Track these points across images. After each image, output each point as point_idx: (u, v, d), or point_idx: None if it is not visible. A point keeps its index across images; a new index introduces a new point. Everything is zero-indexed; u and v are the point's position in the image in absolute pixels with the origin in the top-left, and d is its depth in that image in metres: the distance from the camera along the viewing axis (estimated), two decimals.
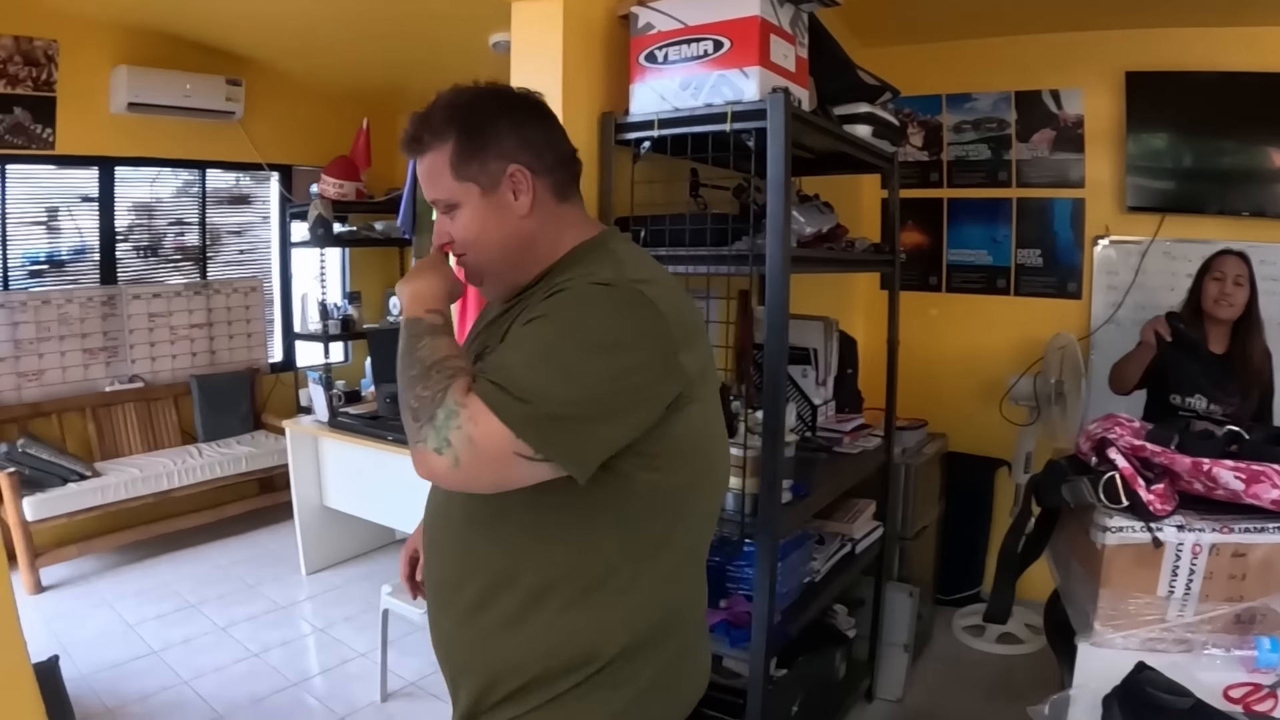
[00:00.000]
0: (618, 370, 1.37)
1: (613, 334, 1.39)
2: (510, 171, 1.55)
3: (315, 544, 5.47)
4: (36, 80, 5.64)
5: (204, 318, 6.66)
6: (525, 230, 1.58)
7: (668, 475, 1.50)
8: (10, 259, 5.85)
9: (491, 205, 1.57)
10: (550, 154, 1.60)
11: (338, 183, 6.32)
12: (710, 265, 2.66)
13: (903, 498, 4.21)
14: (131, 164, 6.32)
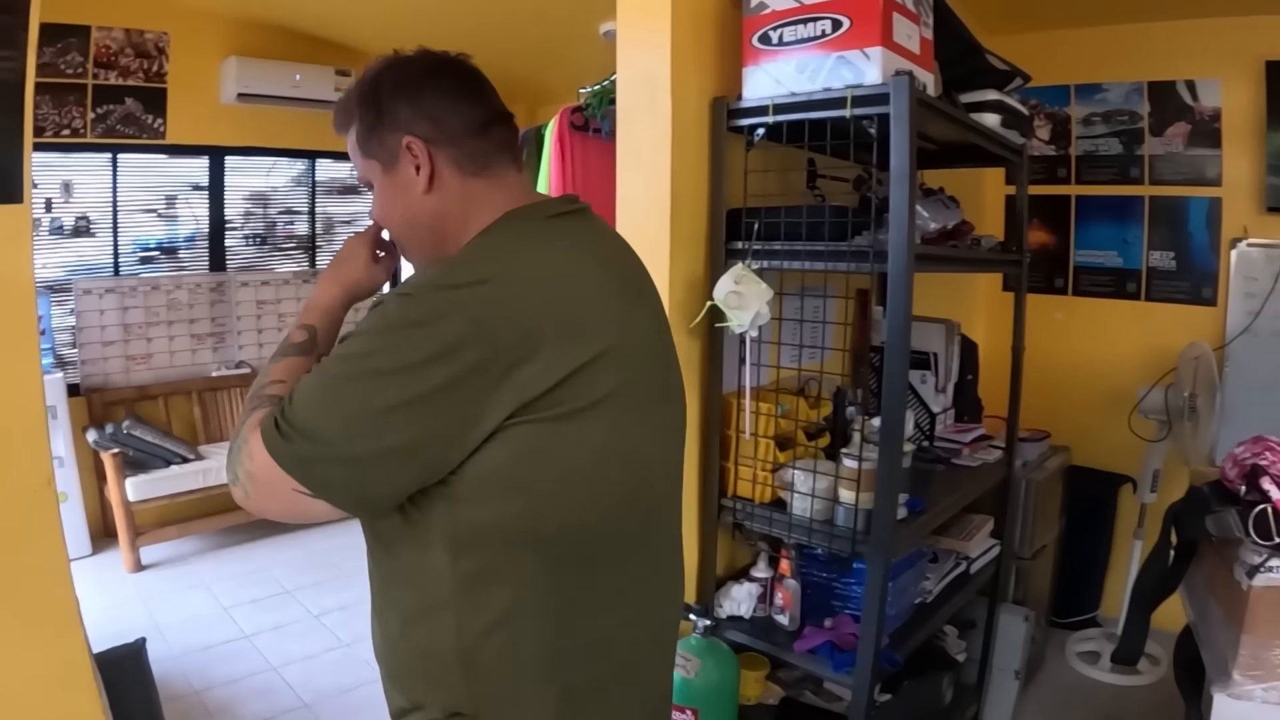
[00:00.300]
0: (394, 400, 1.17)
1: (395, 357, 1.18)
2: (405, 143, 1.38)
3: None
4: (148, 72, 5.77)
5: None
6: (428, 208, 1.41)
7: (484, 508, 1.25)
8: (122, 245, 5.93)
9: (394, 182, 1.42)
10: (454, 122, 1.40)
11: None
12: (828, 262, 2.43)
13: (1022, 515, 3.94)
14: (241, 154, 6.34)
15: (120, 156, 5.82)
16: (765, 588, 2.76)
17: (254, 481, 1.24)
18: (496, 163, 1.43)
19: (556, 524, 1.29)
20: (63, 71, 5.47)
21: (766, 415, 2.64)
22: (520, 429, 1.20)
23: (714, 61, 2.63)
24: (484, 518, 1.26)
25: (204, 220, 6.31)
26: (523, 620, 1.31)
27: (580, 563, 1.33)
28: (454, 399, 1.17)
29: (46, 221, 5.64)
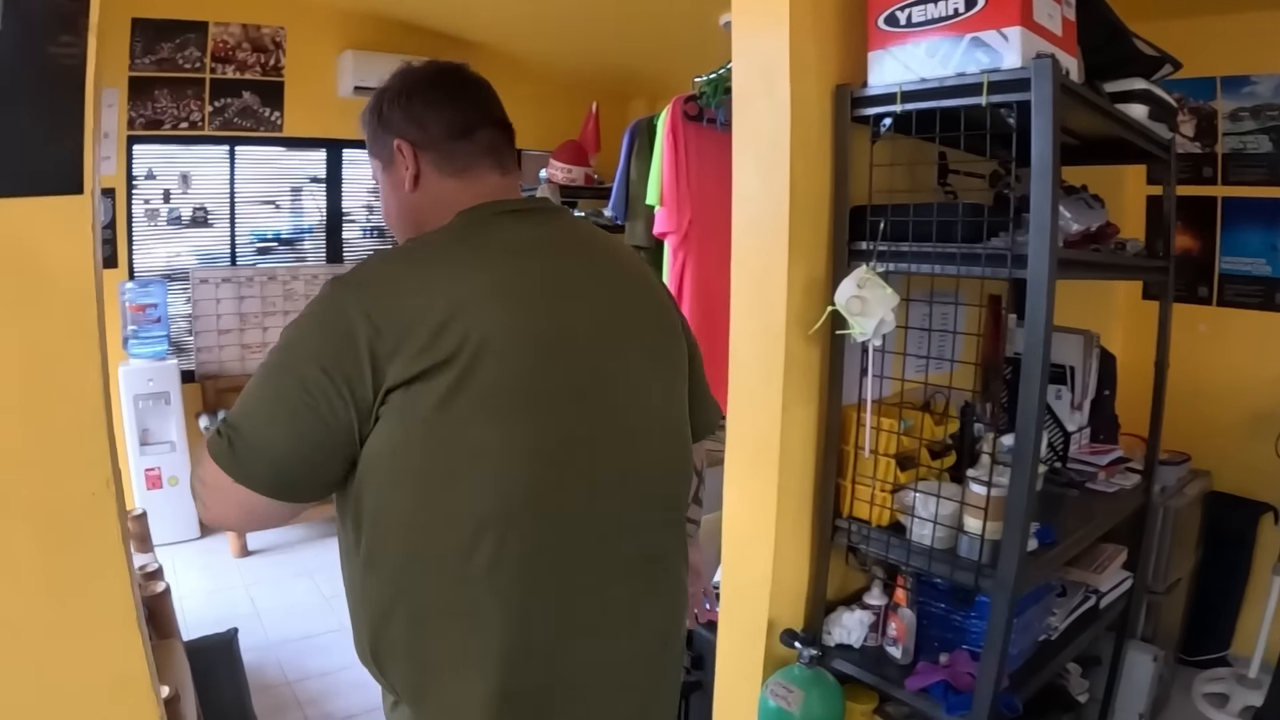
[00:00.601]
0: (291, 385, 1.30)
1: (292, 346, 1.35)
2: (396, 145, 1.54)
3: None
4: (265, 66, 5.84)
5: None
6: (413, 204, 1.56)
7: (374, 495, 1.35)
8: (239, 237, 5.98)
9: (391, 180, 1.58)
10: (437, 127, 1.54)
11: (566, 168, 6.02)
12: (961, 265, 2.17)
13: (1158, 545, 3.61)
14: (359, 146, 6.14)
15: (238, 149, 5.89)
16: (878, 616, 2.52)
17: (205, 487, 1.34)
18: (478, 166, 1.55)
19: (444, 515, 1.34)
20: (181, 66, 5.56)
21: (888, 432, 2.40)
22: (397, 416, 1.29)
23: (836, 46, 2.38)
24: (374, 504, 1.35)
25: (322, 212, 6.32)
26: (416, 611, 1.38)
27: (491, 562, 1.34)
28: (336, 382, 1.27)
29: (165, 212, 5.73)
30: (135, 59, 5.41)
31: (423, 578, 1.36)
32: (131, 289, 5.43)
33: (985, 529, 2.17)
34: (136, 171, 5.63)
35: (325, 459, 1.33)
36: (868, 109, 2.30)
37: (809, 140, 2.30)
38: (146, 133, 5.55)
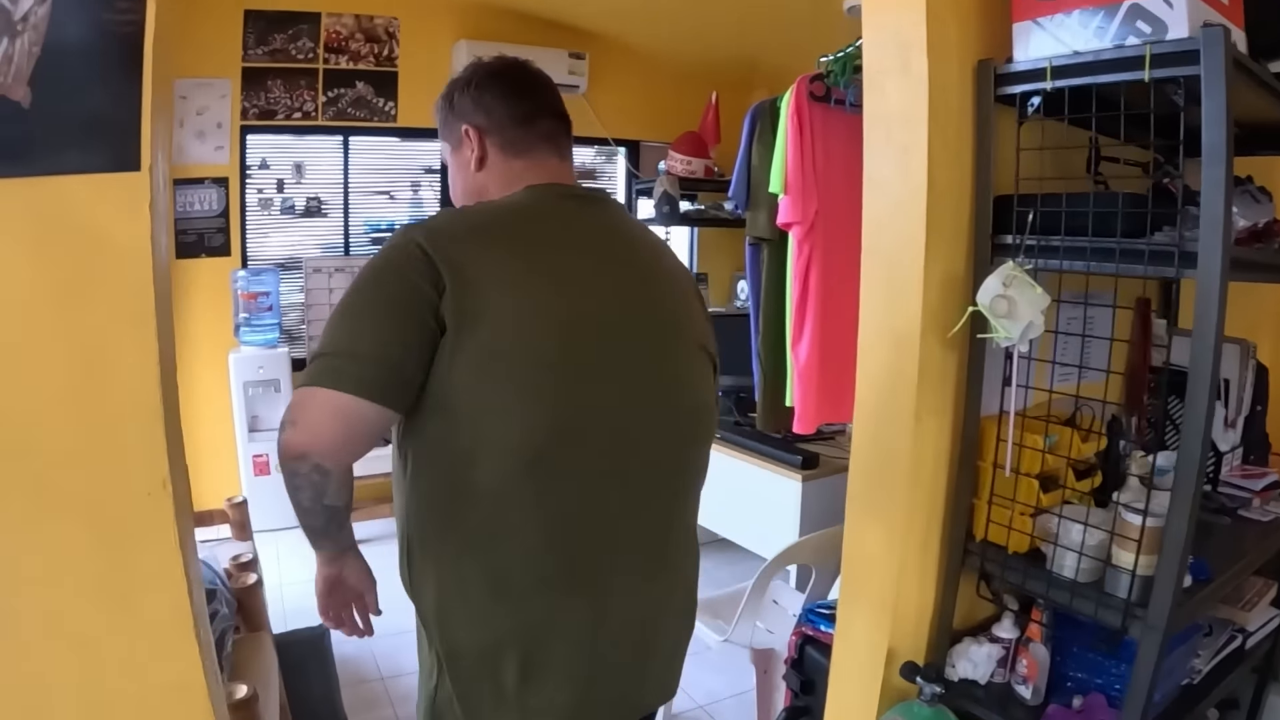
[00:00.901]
0: (379, 297, 1.45)
1: (376, 271, 1.48)
2: (464, 130, 1.70)
3: None
4: (378, 56, 5.77)
5: None
6: (480, 183, 1.71)
7: (444, 429, 1.48)
8: (353, 226, 5.95)
9: (458, 161, 1.75)
10: (500, 113, 1.68)
11: (686, 159, 5.91)
12: (1119, 263, 1.89)
13: None
14: None
15: (351, 139, 5.86)
16: (1007, 651, 2.25)
17: (296, 409, 1.40)
18: (539, 150, 1.71)
19: (472, 452, 1.47)
20: (294, 57, 5.53)
21: (1031, 449, 2.13)
22: (444, 351, 1.43)
23: (977, 16, 2.11)
24: (424, 432, 1.49)
25: (436, 203, 6.26)
26: (455, 535, 1.55)
27: (506, 509, 1.50)
28: (420, 293, 1.42)
29: (278, 201, 5.73)
30: (248, 50, 5.40)
31: (464, 503, 1.51)
32: (244, 277, 5.42)
33: (1137, 563, 1.90)
34: (250, 161, 5.61)
35: (415, 361, 1.43)
36: (1013, 87, 2.04)
37: (948, 122, 2.04)
38: (260, 123, 5.53)
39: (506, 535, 1.51)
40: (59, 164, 1.44)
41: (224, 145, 5.43)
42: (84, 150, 1.46)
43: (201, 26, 5.20)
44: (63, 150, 1.44)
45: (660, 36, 6.24)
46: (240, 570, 2.91)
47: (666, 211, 5.74)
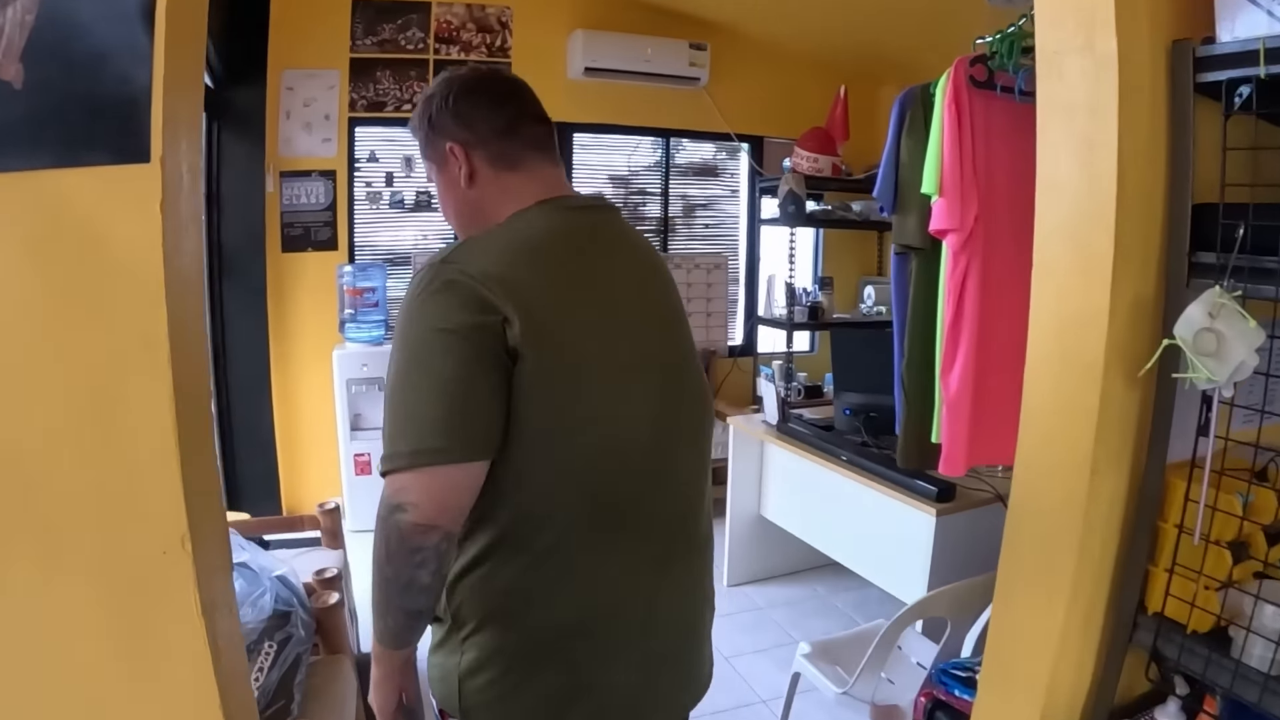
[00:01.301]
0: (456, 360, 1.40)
1: (436, 336, 1.42)
2: (449, 148, 1.63)
3: (743, 554, 4.71)
4: (490, 46, 5.63)
5: None
6: (470, 199, 1.66)
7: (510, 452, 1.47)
8: None
9: (445, 180, 1.68)
10: (483, 127, 1.63)
11: (812, 156, 5.57)
12: None
13: None
14: (591, 130, 6.01)
15: None
16: None
17: (413, 497, 1.38)
18: (529, 159, 1.65)
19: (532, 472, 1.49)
20: (403, 47, 5.42)
21: (1224, 511, 1.74)
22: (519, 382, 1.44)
23: None
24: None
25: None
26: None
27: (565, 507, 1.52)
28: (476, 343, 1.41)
29: (387, 195, 5.60)
30: (356, 40, 5.31)
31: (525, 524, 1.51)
32: (350, 272, 5.26)
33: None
34: (358, 154, 5.52)
35: (501, 406, 1.43)
36: (1217, 73, 1.65)
37: (1140, 113, 1.66)
38: (368, 115, 5.44)
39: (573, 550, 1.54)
40: (56, 155, 1.21)
41: (331, 137, 5.35)
42: (86, 138, 1.22)
43: (309, 17, 5.13)
44: (61, 138, 1.21)
45: (785, 26, 5.91)
46: (323, 587, 2.73)
47: (792, 211, 5.45)
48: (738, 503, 4.58)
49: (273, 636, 2.31)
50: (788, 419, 4.24)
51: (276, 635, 2.31)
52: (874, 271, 6.66)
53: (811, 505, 4.14)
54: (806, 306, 5.79)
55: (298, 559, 3.20)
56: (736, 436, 4.53)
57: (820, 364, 6.32)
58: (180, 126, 1.27)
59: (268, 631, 2.29)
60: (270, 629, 2.30)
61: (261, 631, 2.27)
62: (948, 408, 2.88)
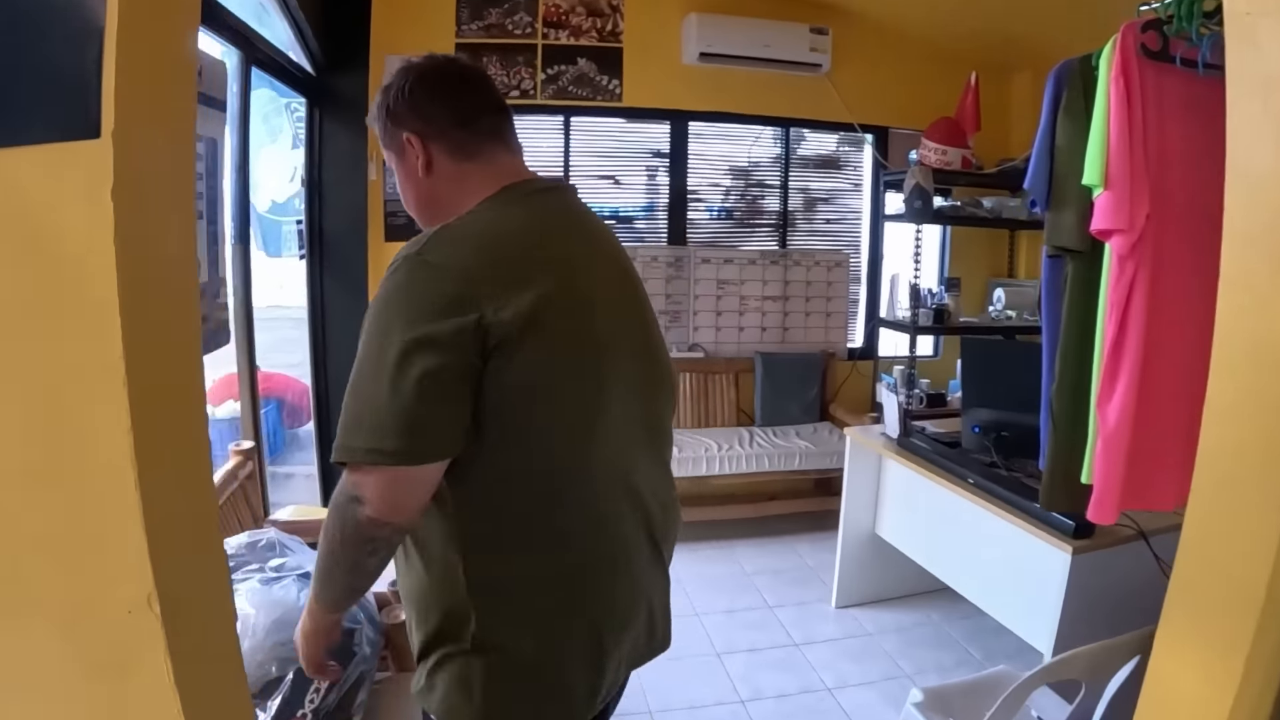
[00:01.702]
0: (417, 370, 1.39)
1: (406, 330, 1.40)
2: (406, 138, 1.64)
3: (854, 574, 4.34)
4: (601, 31, 5.43)
5: (779, 290, 5.86)
6: (428, 189, 1.67)
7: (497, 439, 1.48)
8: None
9: (404, 169, 1.68)
10: (443, 118, 1.64)
11: (940, 149, 5.19)
12: None
13: None
14: (706, 118, 5.74)
15: (573, 120, 5.52)
16: None
17: (370, 494, 1.39)
18: (488, 148, 1.65)
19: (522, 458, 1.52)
20: (510, 32, 5.28)
21: None
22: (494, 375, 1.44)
23: None
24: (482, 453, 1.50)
25: (664, 190, 5.80)
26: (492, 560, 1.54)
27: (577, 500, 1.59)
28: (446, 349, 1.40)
29: None
30: (462, 25, 5.18)
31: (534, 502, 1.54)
32: None
33: None
34: None
35: (468, 408, 1.43)
36: None
37: None
38: None
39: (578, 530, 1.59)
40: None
41: None
42: (27, 110, 0.99)
43: (413, 1, 5.02)
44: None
45: (912, 8, 5.56)
46: (397, 599, 2.61)
47: (918, 207, 5.08)
48: (851, 519, 4.22)
49: (332, 656, 2.14)
50: (909, 433, 3.89)
51: (336, 655, 2.13)
52: (1004, 273, 6.25)
53: (931, 527, 3.78)
54: (931, 309, 5.41)
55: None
56: (853, 449, 4.17)
57: (944, 370, 5.96)
58: (146, 93, 1.01)
59: (327, 651, 2.14)
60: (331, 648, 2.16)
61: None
62: (1103, 443, 2.41)
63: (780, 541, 5.13)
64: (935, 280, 6.10)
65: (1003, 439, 3.37)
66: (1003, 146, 5.87)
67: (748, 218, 5.96)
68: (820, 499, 5.32)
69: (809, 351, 5.81)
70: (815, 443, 5.27)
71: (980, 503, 3.18)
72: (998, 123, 5.86)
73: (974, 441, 3.53)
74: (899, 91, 5.90)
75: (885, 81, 5.87)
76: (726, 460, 5.07)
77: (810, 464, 5.16)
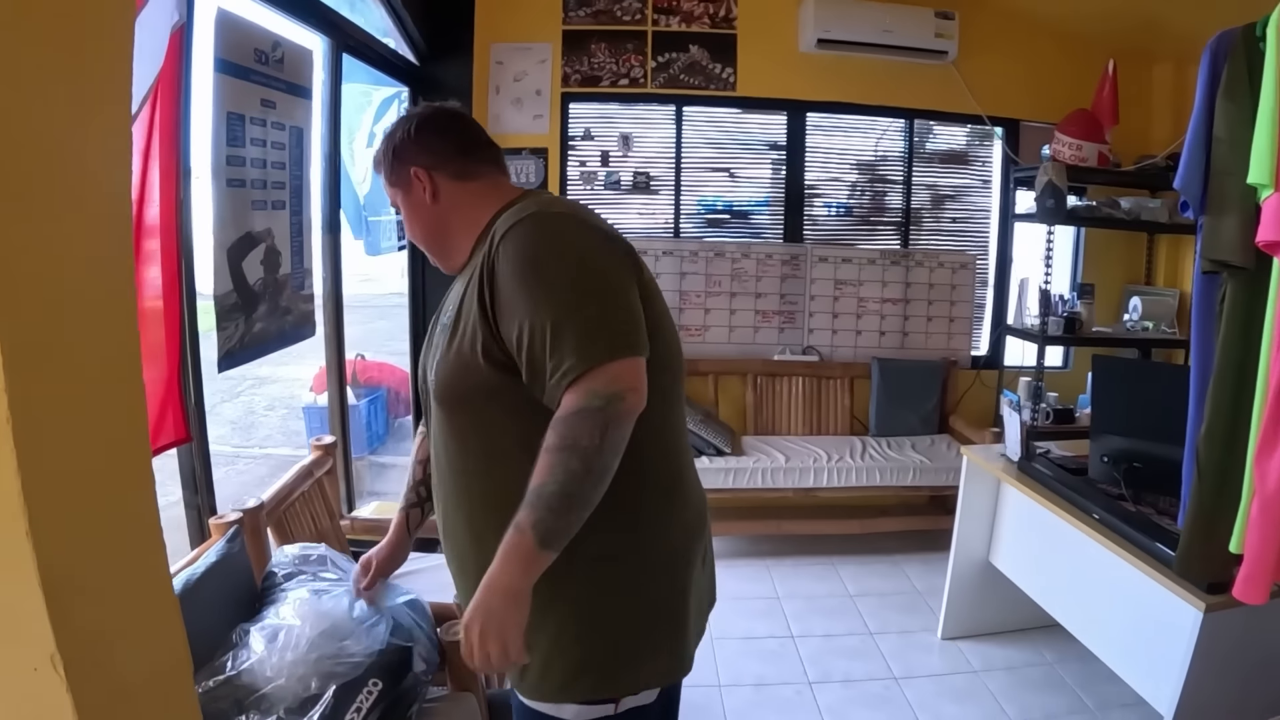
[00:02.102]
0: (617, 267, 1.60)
1: (601, 248, 1.60)
2: (413, 172, 1.81)
3: (963, 604, 3.99)
4: (714, 17, 5.24)
5: (900, 293, 5.55)
6: (437, 214, 1.82)
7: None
8: (685, 206, 5.45)
9: (412, 203, 1.84)
10: (446, 149, 1.81)
11: (1075, 143, 4.86)
12: None
13: None
14: (826, 109, 5.46)
15: (685, 109, 5.34)
16: None
17: (633, 383, 1.48)
18: (486, 170, 1.85)
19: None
20: (619, 19, 5.15)
21: None
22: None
23: None
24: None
25: (781, 183, 5.54)
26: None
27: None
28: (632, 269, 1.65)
29: (602, 175, 5.35)
30: (569, 11, 5.08)
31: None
32: None
33: None
34: (572, 131, 5.25)
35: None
36: None
37: None
38: (582, 90, 5.18)
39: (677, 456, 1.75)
40: None
41: (543, 114, 5.12)
42: None
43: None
44: None
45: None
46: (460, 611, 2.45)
47: (1050, 206, 4.74)
48: (964, 545, 3.89)
49: (380, 674, 2.07)
50: (1031, 456, 3.55)
51: (384, 673, 2.07)
52: (1141, 279, 5.78)
53: (1048, 560, 3.44)
54: (1062, 317, 5.06)
55: (422, 579, 3.02)
56: (970, 469, 3.84)
57: (1074, 383, 5.54)
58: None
59: (375, 668, 2.06)
60: (380, 665, 2.07)
61: (368, 667, 2.05)
62: (1259, 507, 2.04)
63: (888, 561, 4.82)
64: (1067, 286, 5.70)
65: (1134, 471, 3.03)
66: (1142, 142, 5.44)
67: (868, 215, 5.66)
68: (934, 517, 4.96)
69: (929, 359, 5.50)
70: (931, 457, 4.94)
71: (1103, 541, 2.85)
72: (1137, 115, 5.44)
73: (1102, 471, 3.20)
74: (1031, 81, 5.52)
75: (1016, 70, 5.50)
76: (836, 472, 4.79)
77: (925, 480, 4.84)
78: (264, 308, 3.01)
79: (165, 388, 2.56)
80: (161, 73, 2.42)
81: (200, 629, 1.95)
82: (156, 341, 2.52)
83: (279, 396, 9.16)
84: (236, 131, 2.81)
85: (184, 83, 2.54)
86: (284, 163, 3.15)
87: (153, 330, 2.50)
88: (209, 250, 2.73)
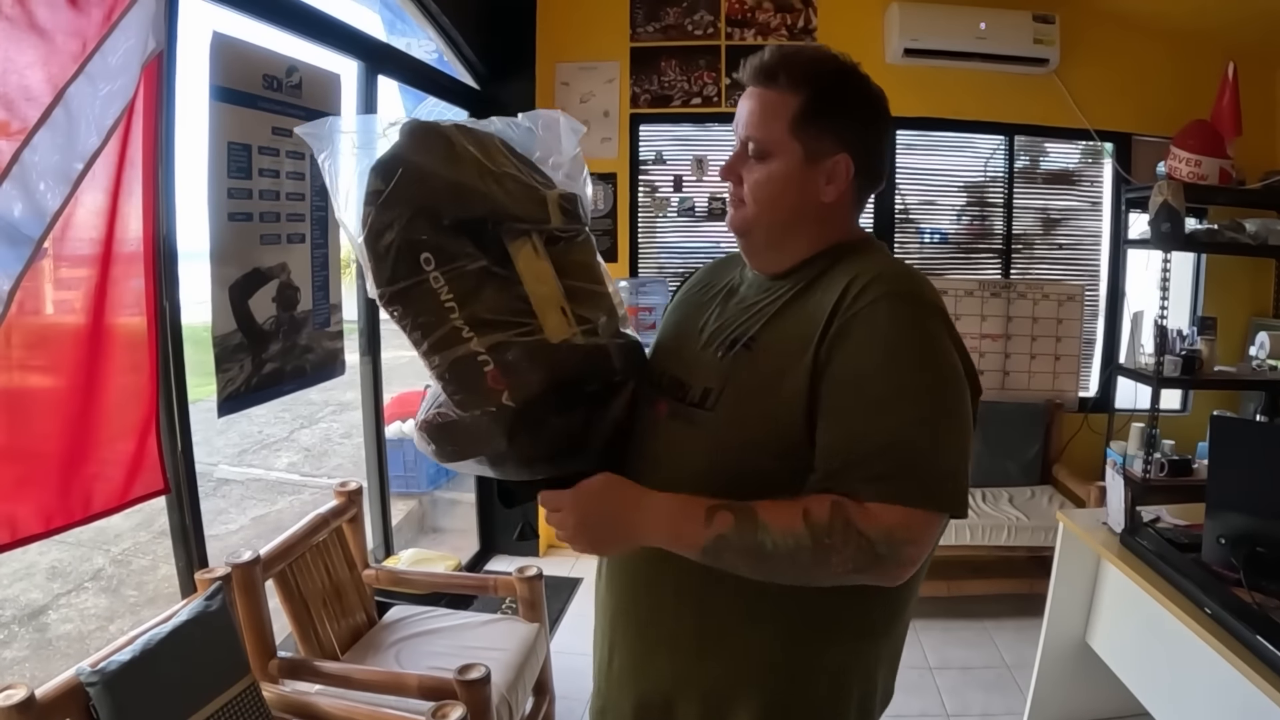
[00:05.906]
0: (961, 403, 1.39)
1: (952, 374, 1.39)
2: (837, 159, 1.43)
3: (1054, 688, 3.43)
4: (792, 28, 5.01)
5: (1000, 327, 5.06)
6: (817, 212, 1.47)
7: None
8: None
9: (805, 175, 1.44)
10: (876, 161, 1.51)
11: (1194, 159, 4.40)
12: None
13: None
14: (912, 126, 5.05)
15: None
16: None
17: (922, 531, 1.28)
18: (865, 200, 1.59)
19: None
20: (690, 33, 4.94)
21: None
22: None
23: None
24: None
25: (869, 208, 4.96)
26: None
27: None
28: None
29: (675, 201, 5.12)
30: (637, 28, 4.89)
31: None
32: (627, 287, 4.70)
33: None
34: (643, 155, 5.04)
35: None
36: None
37: None
38: (653, 110, 4.97)
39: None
40: None
41: (612, 136, 4.92)
42: None
43: (582, 3, 4.84)
44: None
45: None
46: (465, 692, 2.42)
47: (1166, 230, 4.27)
48: (1058, 621, 3.36)
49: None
50: (1137, 528, 3.00)
51: None
52: (1269, 312, 5.16)
53: (1152, 651, 2.93)
54: (1180, 355, 4.51)
55: (483, 629, 3.05)
56: (1066, 538, 3.32)
57: (1193, 429, 4.94)
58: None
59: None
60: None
61: None
62: None
63: (976, 627, 4.25)
64: (1186, 319, 5.13)
65: (1257, 557, 2.49)
66: (1269, 155, 4.93)
67: (965, 241, 5.21)
68: (1032, 580, 4.29)
69: (1032, 400, 4.97)
70: (1029, 512, 4.39)
71: (1213, 642, 2.36)
72: (1263, 126, 4.93)
73: (1217, 554, 2.64)
74: (1142, 90, 5.00)
75: (1125, 78, 5.00)
76: None
77: (1020, 539, 4.27)
78: (276, 347, 2.80)
79: (140, 433, 2.36)
80: (135, 104, 2.23)
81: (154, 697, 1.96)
82: (134, 384, 2.33)
83: (356, 424, 8.99)
84: (241, 162, 2.59)
85: (166, 112, 2.34)
86: (303, 194, 2.91)
87: (125, 371, 2.30)
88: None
